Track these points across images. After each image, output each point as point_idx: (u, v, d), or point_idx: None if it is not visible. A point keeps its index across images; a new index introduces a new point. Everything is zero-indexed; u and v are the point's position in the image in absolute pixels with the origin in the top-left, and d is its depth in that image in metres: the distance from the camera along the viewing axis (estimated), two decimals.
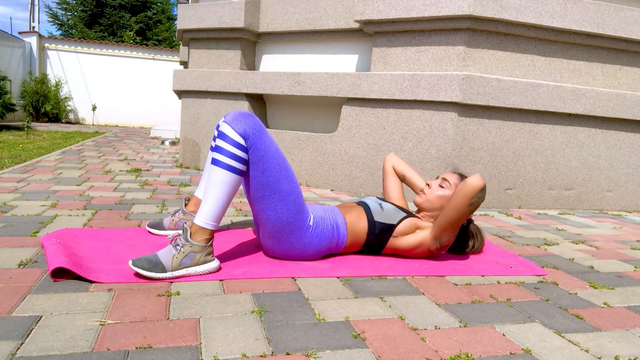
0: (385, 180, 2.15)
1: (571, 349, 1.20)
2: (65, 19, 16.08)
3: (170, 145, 6.45)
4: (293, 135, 3.65)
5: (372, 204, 1.84)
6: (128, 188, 3.01)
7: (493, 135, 3.09)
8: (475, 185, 1.63)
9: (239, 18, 3.78)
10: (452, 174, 1.91)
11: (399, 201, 2.09)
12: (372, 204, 1.84)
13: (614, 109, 3.22)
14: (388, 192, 2.13)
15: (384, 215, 1.78)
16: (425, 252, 1.81)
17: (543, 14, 2.99)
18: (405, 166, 2.14)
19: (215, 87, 3.99)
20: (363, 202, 1.87)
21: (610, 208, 3.39)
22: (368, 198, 1.91)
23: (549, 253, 2.12)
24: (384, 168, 2.18)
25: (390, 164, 2.16)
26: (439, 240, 1.77)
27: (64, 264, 1.42)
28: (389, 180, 2.14)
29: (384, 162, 2.18)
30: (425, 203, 1.88)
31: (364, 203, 1.86)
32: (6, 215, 2.13)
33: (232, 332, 1.16)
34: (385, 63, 3.29)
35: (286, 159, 1.65)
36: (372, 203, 1.84)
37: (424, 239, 1.78)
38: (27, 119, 8.76)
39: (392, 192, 2.11)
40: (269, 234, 1.66)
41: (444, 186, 1.87)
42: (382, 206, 1.82)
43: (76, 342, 1.07)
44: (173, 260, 1.48)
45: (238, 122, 1.54)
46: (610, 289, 1.68)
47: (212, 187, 1.53)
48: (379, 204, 1.83)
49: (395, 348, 1.13)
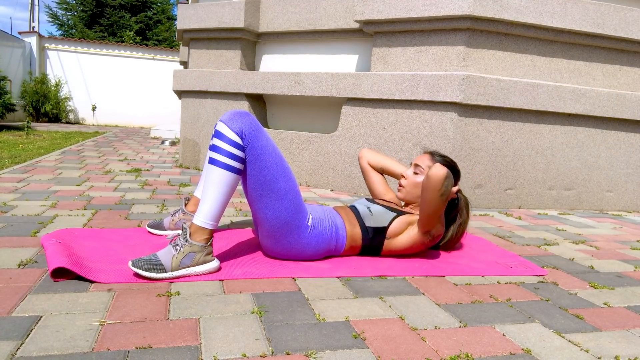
0: (366, 179, 2.14)
1: (571, 349, 1.20)
2: (65, 19, 16.09)
3: (170, 145, 6.45)
4: (293, 135, 3.65)
5: (361, 208, 1.82)
6: (128, 188, 3.01)
7: (493, 135, 3.09)
8: (438, 176, 1.60)
9: (239, 18, 3.78)
10: (423, 156, 1.89)
11: (386, 194, 2.08)
12: (361, 208, 1.82)
13: (614, 109, 3.22)
14: (372, 189, 2.12)
15: (374, 220, 1.77)
16: (422, 247, 1.81)
17: (543, 14, 2.99)
18: (381, 158, 2.11)
19: (215, 87, 3.99)
20: (352, 206, 1.86)
21: (610, 208, 3.39)
22: (357, 201, 1.90)
23: (549, 253, 2.12)
24: (360, 166, 2.16)
25: (365, 161, 2.14)
26: (430, 233, 1.76)
27: (64, 264, 1.42)
28: (369, 177, 2.13)
29: (359, 160, 2.16)
30: (407, 196, 1.89)
31: (354, 207, 1.84)
32: (6, 215, 2.13)
33: (232, 332, 1.16)
34: (385, 63, 3.29)
35: (284, 158, 1.65)
36: (361, 207, 1.82)
37: (415, 236, 1.78)
38: (27, 119, 8.76)
39: (376, 188, 2.11)
40: (267, 233, 1.66)
41: (418, 172, 1.87)
42: (370, 210, 1.80)
43: (76, 342, 1.07)
44: (173, 260, 1.48)
45: (234, 121, 1.54)
46: (610, 289, 1.68)
47: (210, 186, 1.53)
48: (367, 207, 1.81)
49: (395, 348, 1.13)
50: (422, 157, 1.89)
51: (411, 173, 1.89)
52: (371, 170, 2.13)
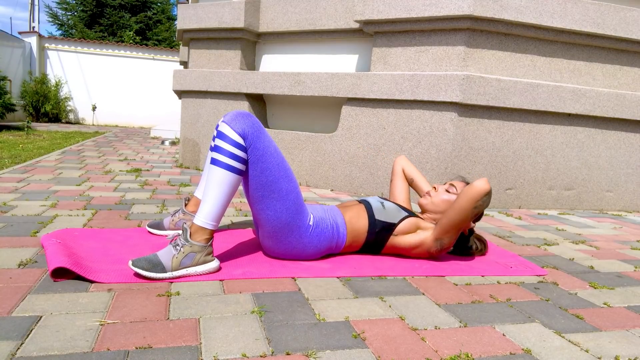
0: (393, 182, 2.14)
1: (571, 349, 1.20)
2: (65, 19, 16.09)
3: (170, 146, 6.45)
4: (293, 135, 3.65)
5: (374, 202, 1.84)
6: (128, 188, 3.01)
7: (493, 135, 3.09)
8: (481, 188, 1.63)
9: (239, 18, 3.78)
10: (460, 182, 1.91)
11: (404, 203, 2.09)
12: (374, 202, 1.84)
13: (613, 109, 3.22)
14: (394, 194, 2.11)
15: (385, 214, 1.78)
16: (425, 253, 1.81)
17: (543, 14, 2.99)
18: (415, 170, 2.12)
19: (215, 87, 3.99)
20: (365, 200, 1.88)
21: (610, 208, 3.39)
22: (371, 197, 1.91)
23: (549, 253, 2.12)
24: (393, 169, 2.16)
25: (400, 166, 2.14)
26: (440, 242, 1.77)
27: (64, 264, 1.42)
28: (397, 181, 2.12)
29: (394, 163, 2.17)
30: (429, 205, 1.88)
31: (366, 201, 1.86)
32: (6, 215, 2.13)
33: (232, 332, 1.16)
34: (385, 63, 3.29)
35: (285, 159, 1.65)
36: (374, 202, 1.85)
37: (424, 239, 1.78)
38: (27, 119, 8.76)
39: (398, 194, 2.10)
40: (268, 234, 1.66)
41: (451, 191, 1.88)
42: (384, 205, 1.82)
43: (76, 342, 1.07)
44: (173, 260, 1.48)
45: (237, 122, 1.55)
46: (610, 289, 1.68)
47: (211, 186, 1.54)
48: (380, 202, 1.84)
49: (395, 348, 1.13)
50: (458, 182, 1.91)
51: (443, 189, 1.90)
52: (402, 176, 2.13)
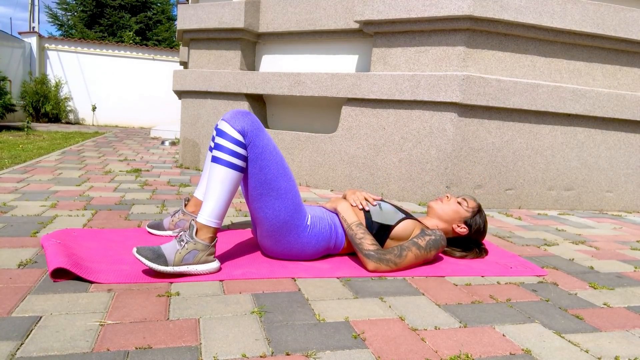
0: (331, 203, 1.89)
1: (571, 349, 1.20)
2: (65, 19, 16.10)
3: (170, 146, 6.45)
4: (293, 136, 3.65)
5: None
6: (128, 188, 3.01)
7: (493, 136, 3.09)
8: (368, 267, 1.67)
9: (239, 18, 3.78)
10: (472, 201, 1.93)
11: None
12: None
13: (613, 110, 3.22)
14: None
15: (382, 216, 1.78)
16: None
17: (543, 15, 2.99)
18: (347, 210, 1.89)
19: (215, 87, 3.99)
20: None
21: (610, 208, 3.39)
22: None
23: (548, 253, 2.12)
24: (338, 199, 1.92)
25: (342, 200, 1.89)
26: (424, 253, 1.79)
27: (63, 265, 1.42)
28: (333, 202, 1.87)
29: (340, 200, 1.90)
30: (439, 209, 1.90)
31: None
32: (6, 216, 2.13)
33: (232, 333, 1.16)
34: (385, 63, 3.29)
35: (284, 158, 1.65)
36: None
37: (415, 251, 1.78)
38: (27, 119, 8.76)
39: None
40: (266, 233, 1.66)
41: (462, 204, 1.90)
42: (380, 206, 1.82)
43: (76, 342, 1.07)
44: (176, 255, 1.49)
45: (236, 120, 1.55)
46: (610, 290, 1.68)
47: (213, 185, 1.54)
48: (377, 204, 1.83)
49: (395, 348, 1.13)
50: (471, 200, 1.93)
51: (455, 200, 1.92)
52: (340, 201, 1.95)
